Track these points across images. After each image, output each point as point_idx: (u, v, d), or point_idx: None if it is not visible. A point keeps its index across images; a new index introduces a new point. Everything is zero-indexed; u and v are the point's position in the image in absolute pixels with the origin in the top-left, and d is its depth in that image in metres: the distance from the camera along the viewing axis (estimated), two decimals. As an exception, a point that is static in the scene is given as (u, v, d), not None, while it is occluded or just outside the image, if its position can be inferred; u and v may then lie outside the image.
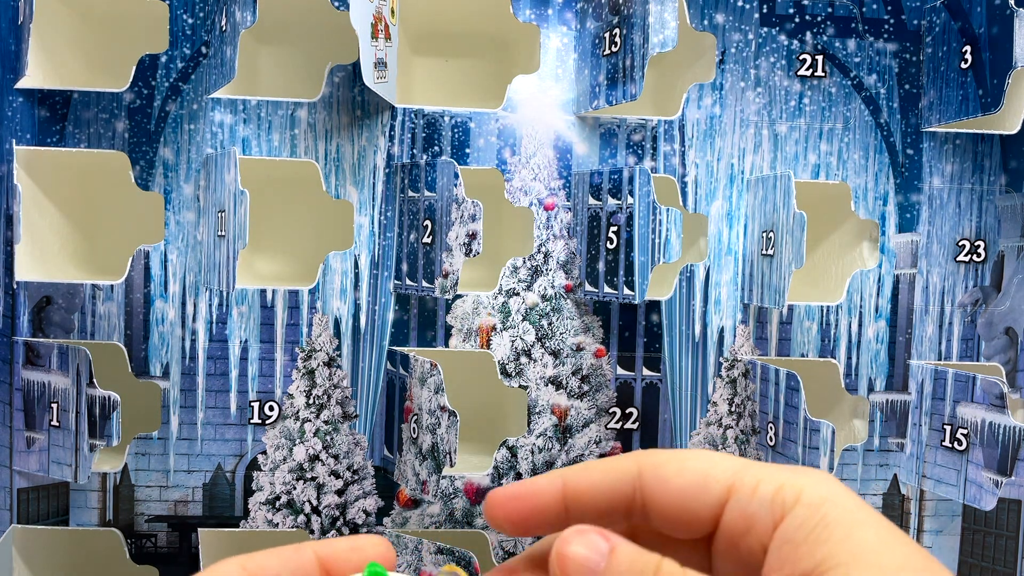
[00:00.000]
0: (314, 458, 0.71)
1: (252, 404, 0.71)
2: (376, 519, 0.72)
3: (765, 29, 0.72)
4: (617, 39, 0.67)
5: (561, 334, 0.72)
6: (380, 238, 0.71)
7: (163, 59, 0.70)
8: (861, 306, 0.74)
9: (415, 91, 0.81)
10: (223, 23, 0.68)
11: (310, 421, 0.71)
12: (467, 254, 0.66)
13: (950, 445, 0.71)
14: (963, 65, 0.69)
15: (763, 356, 0.73)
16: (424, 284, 0.69)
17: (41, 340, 0.69)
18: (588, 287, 0.72)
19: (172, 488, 0.71)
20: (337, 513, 0.72)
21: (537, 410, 0.73)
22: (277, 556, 0.31)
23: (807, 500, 0.28)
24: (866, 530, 0.27)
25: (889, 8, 0.73)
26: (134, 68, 0.69)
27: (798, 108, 0.73)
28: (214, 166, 0.68)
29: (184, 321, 0.70)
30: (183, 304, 0.70)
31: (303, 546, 0.31)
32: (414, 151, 0.71)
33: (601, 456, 0.73)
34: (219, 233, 0.66)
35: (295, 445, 0.71)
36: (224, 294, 0.70)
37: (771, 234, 0.69)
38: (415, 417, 0.70)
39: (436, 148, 0.71)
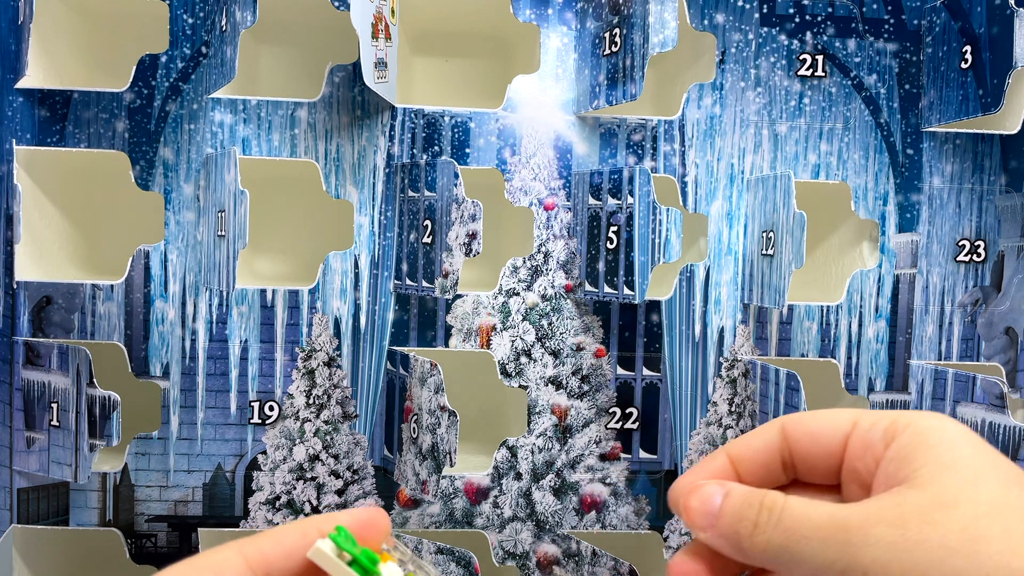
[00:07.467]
0: (314, 458, 0.71)
1: (252, 404, 0.71)
2: (376, 519, 0.72)
3: (765, 29, 0.72)
4: (617, 39, 0.67)
5: (561, 334, 0.72)
6: (380, 238, 0.71)
7: (163, 59, 0.70)
8: (861, 306, 0.74)
9: (415, 91, 0.81)
10: (223, 23, 0.68)
11: (310, 421, 0.71)
12: (467, 254, 0.66)
13: (950, 445, 0.71)
14: (963, 65, 0.69)
15: (763, 356, 0.73)
16: (424, 284, 0.69)
17: (41, 340, 0.69)
18: (588, 287, 0.72)
19: (172, 488, 0.71)
20: (337, 513, 0.72)
21: (537, 410, 0.73)
22: (276, 542, 0.32)
23: (915, 429, 0.32)
24: (963, 448, 0.31)
25: (889, 8, 0.73)
26: (134, 68, 0.69)
27: (798, 108, 0.73)
28: (214, 166, 0.68)
29: (184, 321, 0.70)
30: (183, 304, 0.70)
31: (308, 528, 0.33)
32: (414, 151, 0.71)
33: (601, 456, 0.73)
34: (219, 233, 0.66)
35: (295, 445, 0.71)
36: (224, 294, 0.70)
37: (771, 234, 0.69)
38: (415, 417, 0.70)
39: (436, 148, 0.71)
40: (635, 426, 0.73)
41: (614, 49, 0.68)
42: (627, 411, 0.73)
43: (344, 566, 0.32)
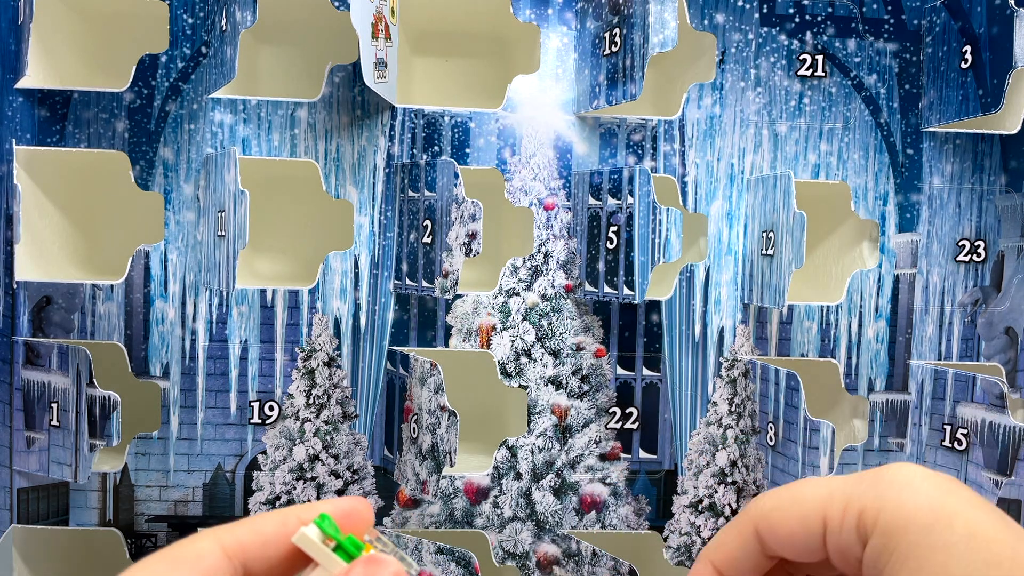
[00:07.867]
0: (314, 458, 0.72)
1: (252, 404, 0.71)
2: (376, 519, 0.72)
3: (765, 29, 0.72)
4: (617, 39, 0.67)
5: (561, 334, 0.72)
6: (380, 238, 0.71)
7: (163, 59, 0.70)
8: (861, 306, 0.74)
9: (415, 91, 0.81)
10: (223, 23, 0.68)
11: (310, 421, 0.71)
12: (467, 254, 0.66)
13: (950, 445, 0.71)
14: (963, 65, 0.69)
15: (763, 356, 0.73)
16: (424, 284, 0.69)
17: (41, 340, 0.69)
18: (588, 287, 0.72)
19: (172, 488, 0.71)
20: (337, 513, 0.72)
21: (537, 410, 0.73)
22: (255, 530, 0.32)
23: (882, 528, 0.31)
24: (936, 555, 0.30)
25: (889, 8, 0.73)
26: (134, 68, 0.69)
27: (798, 108, 0.73)
28: (214, 166, 0.68)
29: (184, 321, 0.70)
30: (183, 304, 0.70)
31: (288, 517, 0.32)
32: (414, 151, 0.71)
33: (601, 456, 0.73)
34: (219, 233, 0.66)
35: (295, 445, 0.71)
36: (224, 294, 0.70)
37: (771, 234, 0.69)
38: (415, 417, 0.70)
39: (436, 148, 0.71)
40: (635, 426, 0.73)
41: (614, 49, 0.68)
42: (627, 411, 0.73)
43: (329, 551, 0.32)
